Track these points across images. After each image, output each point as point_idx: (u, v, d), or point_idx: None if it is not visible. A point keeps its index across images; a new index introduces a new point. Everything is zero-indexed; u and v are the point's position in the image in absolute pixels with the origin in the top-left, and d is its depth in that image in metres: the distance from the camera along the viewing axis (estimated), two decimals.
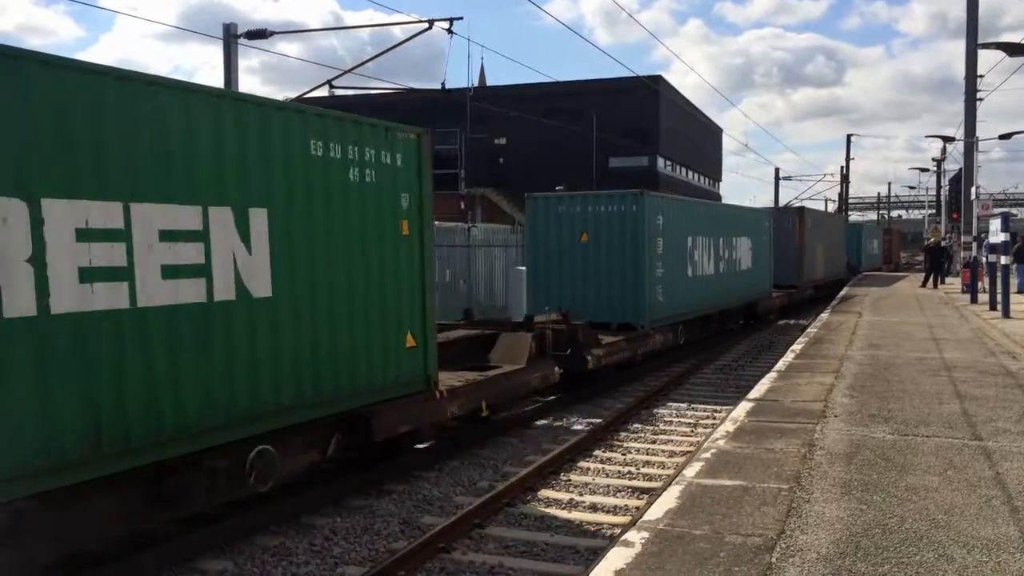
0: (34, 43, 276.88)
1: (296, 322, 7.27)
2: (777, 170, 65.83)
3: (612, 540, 6.54)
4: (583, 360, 12.75)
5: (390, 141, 8.44)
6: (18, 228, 5.18)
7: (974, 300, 23.19)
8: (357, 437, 8.18)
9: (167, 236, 6.14)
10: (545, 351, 12.03)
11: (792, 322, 25.43)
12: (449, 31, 16.50)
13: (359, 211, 7.99)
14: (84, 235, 5.57)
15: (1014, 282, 22.89)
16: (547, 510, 8.10)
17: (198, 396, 6.37)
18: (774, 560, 4.59)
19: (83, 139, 5.56)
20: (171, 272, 6.16)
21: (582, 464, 9.68)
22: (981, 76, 28.91)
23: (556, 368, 12.00)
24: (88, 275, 5.59)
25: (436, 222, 11.32)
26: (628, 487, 8.73)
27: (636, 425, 11.64)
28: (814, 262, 30.08)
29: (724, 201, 53.90)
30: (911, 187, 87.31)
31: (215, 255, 6.52)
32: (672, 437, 11.00)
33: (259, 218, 6.90)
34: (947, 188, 44.10)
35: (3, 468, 5.12)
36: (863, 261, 46.81)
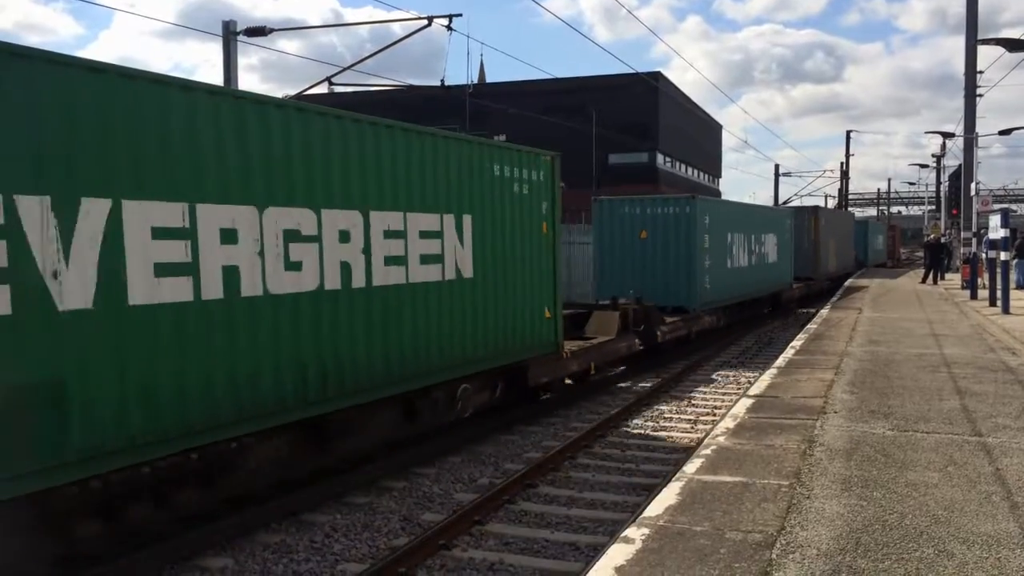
0: (33, 40, 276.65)
1: (485, 296, 10.05)
2: (777, 166, 65.82)
3: (612, 536, 6.55)
4: (654, 335, 15.46)
5: (536, 162, 11.16)
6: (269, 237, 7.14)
7: (974, 296, 23.18)
8: (515, 384, 11.13)
9: (424, 235, 8.97)
10: (628, 327, 14.76)
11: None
12: (448, 28, 16.49)
13: (519, 216, 10.77)
14: (390, 234, 8.47)
15: (1013, 278, 22.91)
16: (547, 508, 8.11)
17: (436, 346, 9.16)
18: (774, 556, 4.60)
19: (334, 166, 7.81)
20: (424, 260, 8.98)
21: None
22: (981, 72, 28.87)
23: (636, 340, 14.84)
24: (387, 262, 8.44)
25: None
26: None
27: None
28: (828, 257, 32.34)
29: (723, 197, 53.78)
30: (911, 183, 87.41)
31: (446, 248, 9.34)
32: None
33: (468, 222, 9.69)
34: (947, 184, 44.09)
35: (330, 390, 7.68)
36: (869, 256, 48.57)
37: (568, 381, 13.25)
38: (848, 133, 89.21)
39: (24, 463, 5.29)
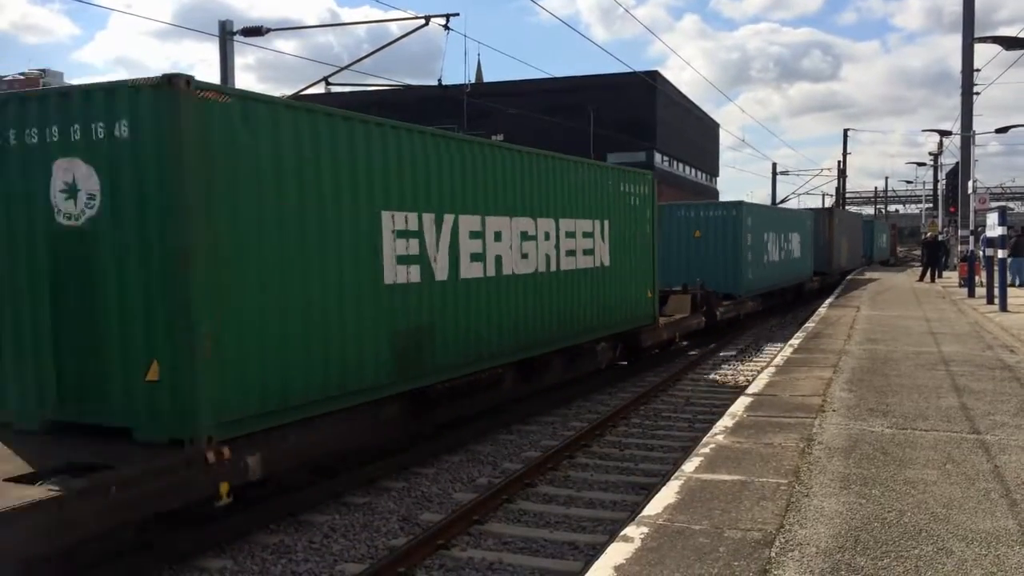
0: (30, 41, 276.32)
1: (615, 279, 13.61)
2: (774, 165, 65.67)
3: (611, 535, 6.55)
4: (714, 315, 18.99)
5: (643, 180, 14.98)
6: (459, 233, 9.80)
7: (971, 294, 23.20)
8: (629, 346, 14.84)
9: (584, 235, 12.62)
10: (696, 307, 18.17)
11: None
12: (446, 27, 16.48)
13: (633, 220, 14.41)
14: (568, 235, 12.16)
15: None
16: (544, 508, 8.10)
17: (591, 313, 12.83)
18: (773, 554, 4.60)
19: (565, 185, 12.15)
20: (585, 252, 12.62)
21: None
22: (977, 70, 28.93)
23: (703, 318, 18.33)
24: (567, 254, 12.07)
25: None
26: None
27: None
28: (840, 253, 36.24)
29: (721, 197, 53.83)
30: (908, 181, 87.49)
31: (596, 244, 12.97)
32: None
33: (607, 224, 13.37)
34: (944, 182, 44.15)
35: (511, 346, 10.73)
36: (875, 253, 52.89)
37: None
38: (845, 132, 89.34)
39: (414, 371, 8.73)
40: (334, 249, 7.58)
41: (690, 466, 6.42)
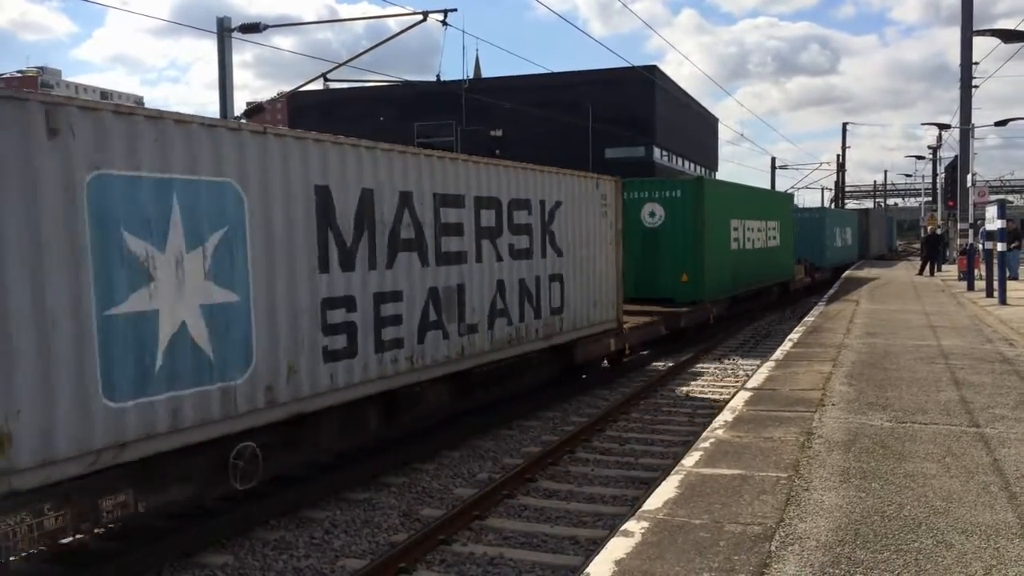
0: (29, 39, 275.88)
1: (777, 257, 25.28)
2: (773, 159, 65.72)
3: (612, 530, 6.56)
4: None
5: (788, 198, 30.42)
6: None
7: (971, 287, 23.21)
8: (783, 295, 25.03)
9: (769, 228, 24.32)
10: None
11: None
12: (443, 22, 16.47)
13: (783, 219, 26.68)
14: (760, 229, 23.51)
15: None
16: (546, 502, 8.10)
17: (761, 278, 23.56)
18: (773, 548, 4.61)
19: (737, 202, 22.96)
20: (768, 238, 24.26)
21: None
22: (976, 63, 28.90)
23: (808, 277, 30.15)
24: (754, 242, 22.79)
25: None
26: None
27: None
28: (873, 244, 52.30)
29: None
30: (907, 175, 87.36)
31: (769, 235, 24.32)
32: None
33: (776, 224, 25.03)
34: (943, 176, 44.09)
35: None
36: (894, 244, 68.39)
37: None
38: (844, 125, 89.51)
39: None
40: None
41: (690, 460, 6.43)
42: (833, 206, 61.57)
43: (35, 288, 5.30)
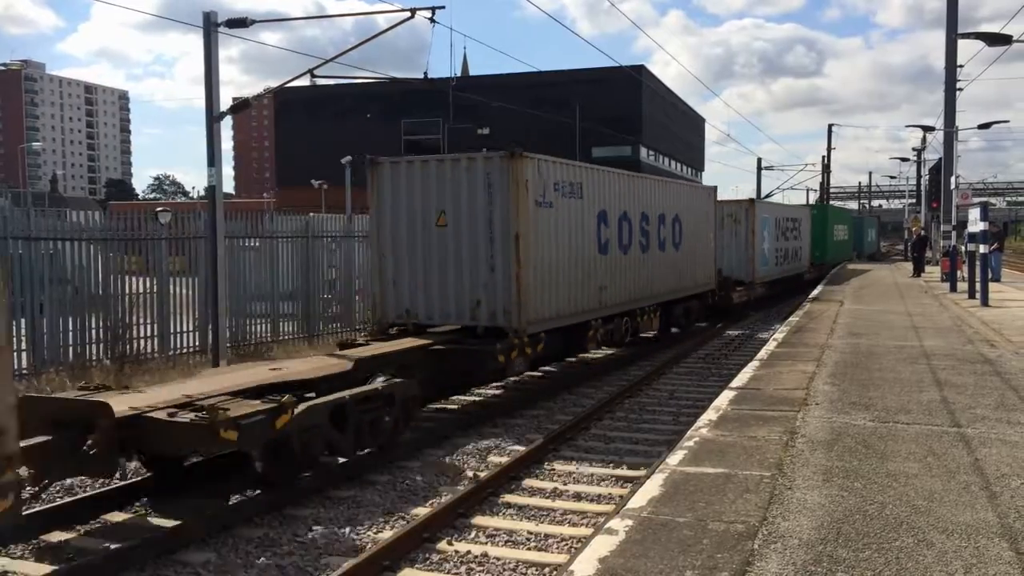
0: (13, 32, 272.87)
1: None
2: (759, 160, 65.94)
3: (596, 528, 6.57)
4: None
5: (849, 215, 54.12)
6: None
7: (953, 289, 23.39)
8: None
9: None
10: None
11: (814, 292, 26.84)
12: (432, 20, 16.41)
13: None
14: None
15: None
16: (529, 501, 8.10)
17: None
18: (756, 546, 4.63)
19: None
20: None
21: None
22: (961, 66, 29.10)
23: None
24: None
25: None
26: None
27: None
28: (870, 243, 60.51)
29: None
30: (892, 176, 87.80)
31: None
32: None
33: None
34: (927, 178, 44.41)
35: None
36: (882, 245, 73.26)
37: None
38: (830, 127, 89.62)
39: None
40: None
41: (674, 459, 6.45)
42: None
43: None
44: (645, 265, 16.07)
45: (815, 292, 25.08)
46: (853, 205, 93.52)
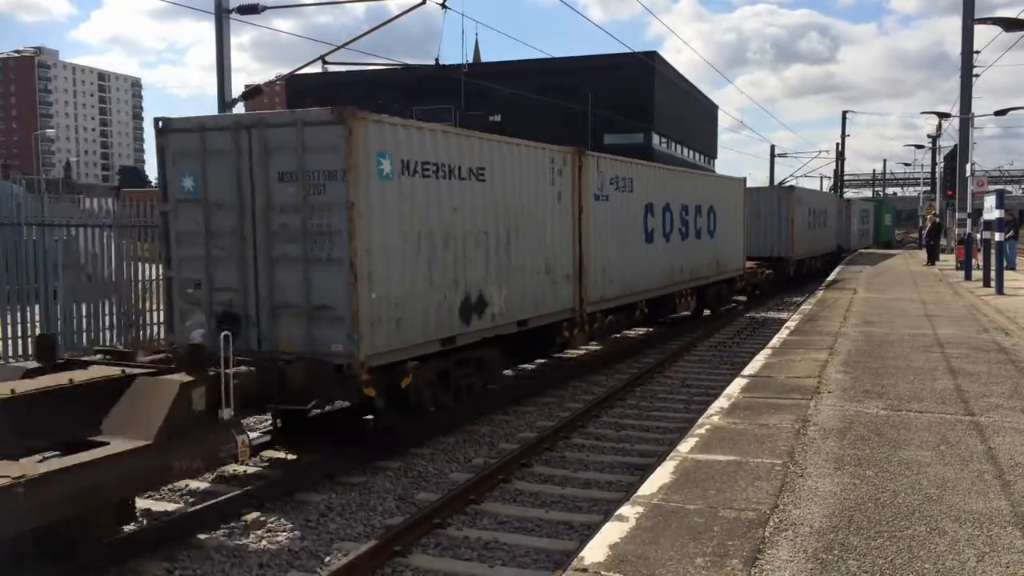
0: (27, 20, 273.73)
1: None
2: (772, 147, 65.64)
3: (607, 515, 6.58)
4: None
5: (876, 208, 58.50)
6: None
7: (968, 277, 23.22)
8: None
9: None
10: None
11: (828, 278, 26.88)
12: (443, 6, 16.36)
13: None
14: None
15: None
16: (542, 487, 8.12)
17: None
18: (767, 534, 4.62)
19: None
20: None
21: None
22: (977, 52, 28.79)
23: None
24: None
25: None
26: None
27: None
28: (882, 228, 62.54)
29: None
30: (906, 164, 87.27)
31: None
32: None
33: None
34: (942, 165, 44.08)
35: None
36: (896, 232, 76.01)
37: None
38: (844, 113, 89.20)
39: None
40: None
41: (685, 446, 6.44)
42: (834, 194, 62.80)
43: None
44: (684, 252, 17.36)
45: (829, 278, 24.97)
46: (867, 192, 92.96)
